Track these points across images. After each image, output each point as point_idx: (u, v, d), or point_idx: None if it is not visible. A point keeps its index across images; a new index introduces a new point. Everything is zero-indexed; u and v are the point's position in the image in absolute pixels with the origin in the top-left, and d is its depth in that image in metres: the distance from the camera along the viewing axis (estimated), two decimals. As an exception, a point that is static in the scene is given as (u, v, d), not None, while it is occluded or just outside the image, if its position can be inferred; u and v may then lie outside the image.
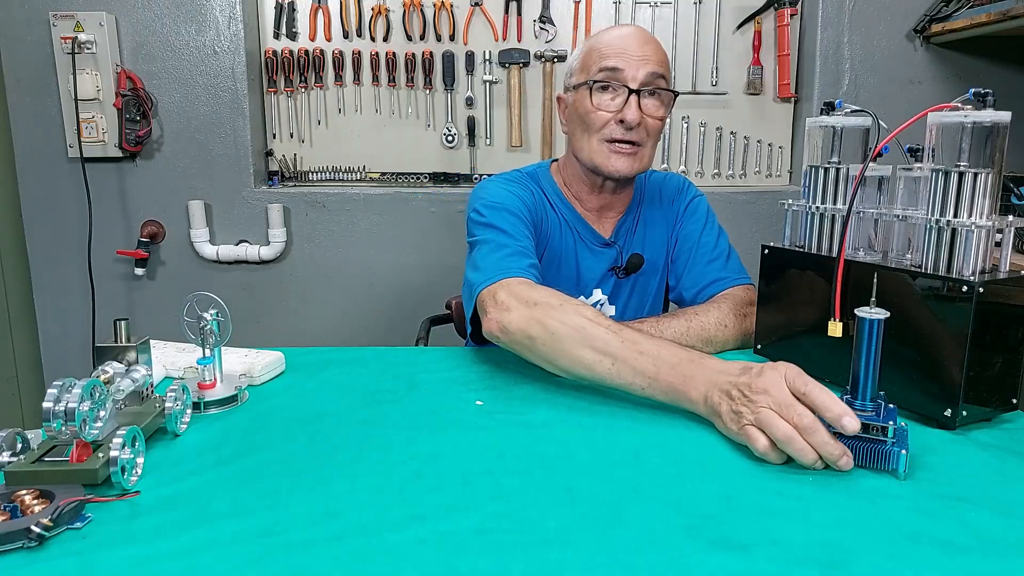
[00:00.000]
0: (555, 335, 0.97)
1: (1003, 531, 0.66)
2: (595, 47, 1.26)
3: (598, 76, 1.24)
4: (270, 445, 0.85)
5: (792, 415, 0.76)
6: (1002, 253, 0.89)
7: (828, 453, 0.75)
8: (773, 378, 0.80)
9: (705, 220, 1.41)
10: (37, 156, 2.25)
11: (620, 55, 1.23)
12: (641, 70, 1.22)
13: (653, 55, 1.24)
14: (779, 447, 0.77)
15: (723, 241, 1.40)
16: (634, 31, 1.27)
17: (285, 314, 2.35)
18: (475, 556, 0.63)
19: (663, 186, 1.44)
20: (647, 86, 1.23)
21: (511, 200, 1.26)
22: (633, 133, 1.24)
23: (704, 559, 0.62)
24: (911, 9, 2.23)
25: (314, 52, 2.30)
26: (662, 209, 1.42)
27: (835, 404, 0.75)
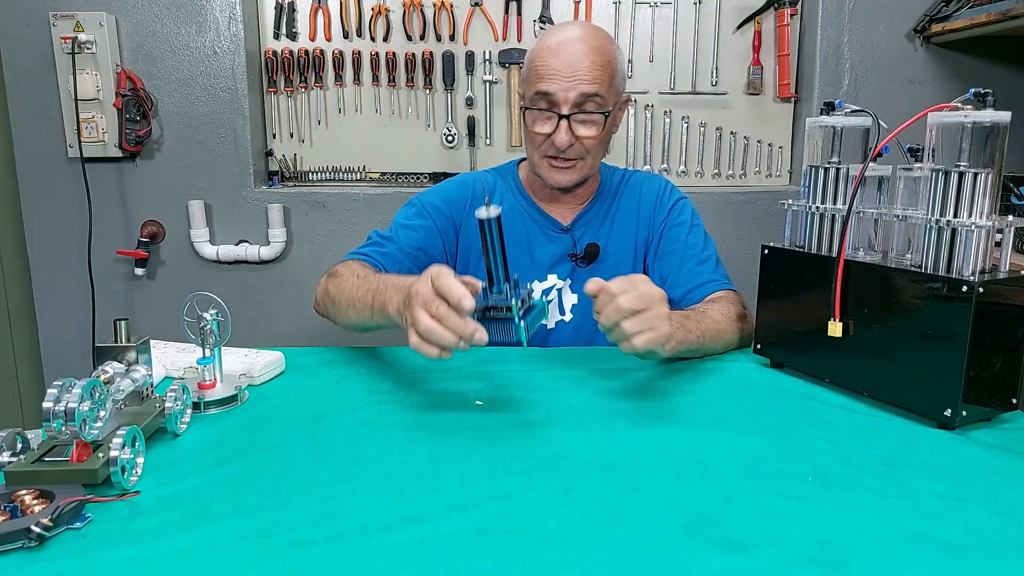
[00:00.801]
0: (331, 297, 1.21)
1: (1003, 531, 0.66)
2: (533, 63, 1.27)
3: (532, 100, 1.27)
4: (270, 445, 0.85)
5: (432, 307, 0.87)
6: (1002, 253, 0.89)
7: (460, 331, 0.86)
8: (422, 283, 0.90)
9: (692, 222, 1.41)
10: (37, 156, 2.25)
11: (553, 77, 1.23)
12: (572, 91, 1.22)
13: (587, 72, 1.22)
14: (425, 337, 0.87)
15: (711, 245, 1.41)
16: (570, 43, 1.23)
17: (285, 314, 2.35)
18: (475, 556, 0.63)
19: (643, 187, 1.44)
20: (578, 108, 1.23)
21: (430, 199, 1.39)
22: (569, 152, 1.27)
23: (704, 559, 0.62)
24: (911, 9, 2.23)
25: (314, 52, 2.30)
26: (638, 209, 1.42)
27: (455, 290, 0.85)
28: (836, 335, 0.97)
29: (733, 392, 1.03)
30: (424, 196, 1.41)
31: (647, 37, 2.33)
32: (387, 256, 1.31)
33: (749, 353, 1.16)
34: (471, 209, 1.39)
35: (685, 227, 1.40)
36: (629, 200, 1.43)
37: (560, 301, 1.40)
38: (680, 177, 2.42)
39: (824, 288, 0.98)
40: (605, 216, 1.41)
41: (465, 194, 1.40)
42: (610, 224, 1.41)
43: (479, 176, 1.46)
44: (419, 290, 0.89)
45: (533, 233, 1.40)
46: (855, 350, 0.98)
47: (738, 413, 0.95)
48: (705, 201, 2.33)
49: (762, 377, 1.09)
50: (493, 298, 0.90)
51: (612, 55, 1.26)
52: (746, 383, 1.07)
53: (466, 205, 1.39)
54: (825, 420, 0.92)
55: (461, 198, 1.39)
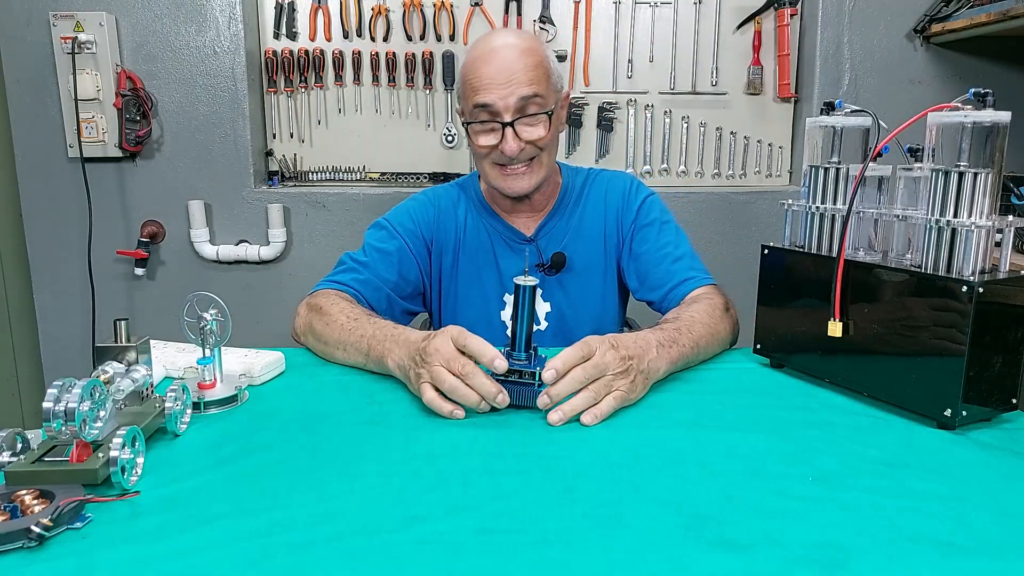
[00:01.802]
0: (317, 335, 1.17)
1: (1003, 531, 0.66)
2: (466, 77, 1.26)
3: (473, 114, 1.25)
4: (270, 445, 0.85)
5: (456, 366, 0.89)
6: (1002, 253, 0.89)
7: (486, 392, 0.89)
8: (442, 340, 0.92)
9: (661, 219, 1.39)
10: (37, 156, 2.25)
11: (488, 87, 1.21)
12: (511, 97, 1.21)
13: (522, 75, 1.21)
14: (449, 396, 0.90)
15: (683, 240, 1.38)
16: (500, 50, 1.22)
17: (285, 314, 2.34)
18: (475, 556, 0.63)
19: (608, 188, 1.42)
20: (520, 114, 1.22)
21: (398, 220, 1.38)
22: (520, 157, 1.25)
23: (704, 559, 0.62)
24: (911, 9, 2.23)
25: (314, 52, 2.30)
26: (605, 212, 1.40)
27: (487, 351, 0.89)
28: (836, 335, 0.97)
29: (733, 392, 1.03)
30: (392, 217, 1.39)
31: (647, 37, 2.34)
32: (366, 284, 1.30)
33: (749, 353, 1.16)
34: (439, 226, 1.39)
35: (655, 226, 1.37)
36: (595, 203, 1.41)
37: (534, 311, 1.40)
38: (680, 177, 2.42)
39: (824, 288, 0.98)
40: (569, 222, 1.40)
41: (430, 212, 1.40)
42: (576, 230, 1.39)
43: (439, 191, 1.44)
44: (439, 348, 0.91)
45: (498, 246, 1.39)
46: (855, 350, 0.98)
47: (738, 413, 0.95)
48: (705, 201, 2.33)
49: (762, 377, 1.09)
50: (513, 363, 0.92)
51: (543, 54, 1.25)
52: (746, 383, 1.07)
53: (434, 223, 1.39)
54: (825, 420, 0.92)
55: (428, 216, 1.39)
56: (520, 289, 0.92)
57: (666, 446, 0.84)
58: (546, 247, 1.38)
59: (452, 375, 0.90)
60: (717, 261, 2.34)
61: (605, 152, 2.40)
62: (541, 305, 1.40)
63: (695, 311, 1.17)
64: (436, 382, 0.91)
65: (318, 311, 1.19)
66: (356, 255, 1.35)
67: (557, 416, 0.89)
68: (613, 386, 0.92)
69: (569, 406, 0.90)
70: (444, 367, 0.90)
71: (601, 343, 0.93)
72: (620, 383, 0.93)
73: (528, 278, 0.92)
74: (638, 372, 0.95)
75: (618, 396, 0.92)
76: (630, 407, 0.96)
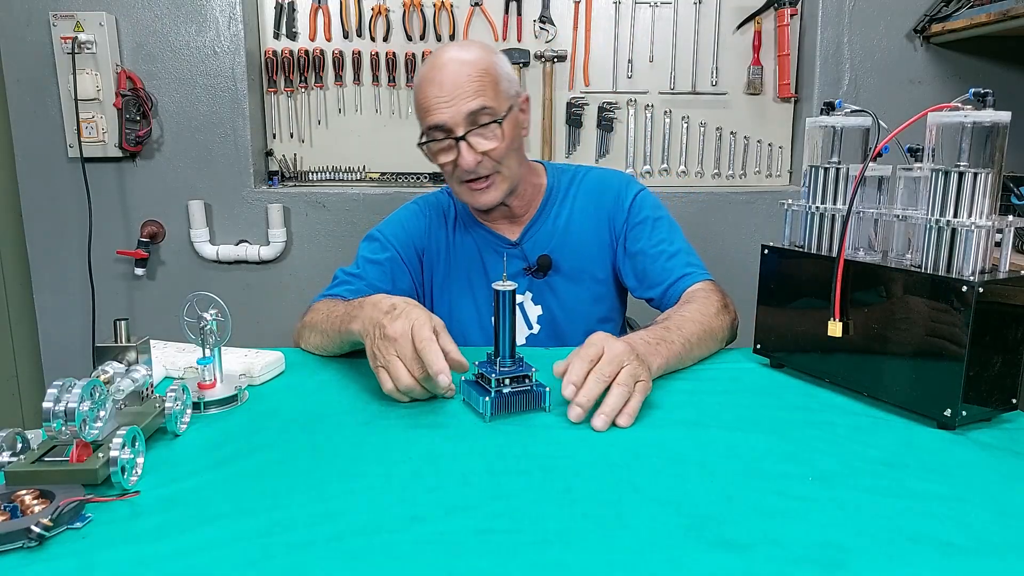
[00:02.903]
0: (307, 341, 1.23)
1: (1003, 531, 0.66)
2: (417, 99, 1.26)
3: (426, 136, 1.26)
4: (270, 445, 0.85)
5: (414, 368, 0.92)
6: (1002, 253, 0.89)
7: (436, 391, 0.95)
8: (402, 328, 0.93)
9: (654, 216, 1.37)
10: (37, 156, 2.25)
11: (437, 106, 1.21)
12: (460, 113, 1.20)
13: (467, 87, 1.20)
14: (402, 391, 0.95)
15: (679, 235, 1.37)
16: (444, 66, 1.22)
17: (285, 314, 2.35)
18: (475, 556, 0.63)
19: (598, 187, 1.41)
20: (472, 127, 1.21)
21: (390, 231, 1.41)
22: (480, 169, 1.24)
23: (704, 559, 0.62)
24: (911, 9, 2.23)
25: (314, 52, 2.30)
26: (596, 211, 1.39)
27: (435, 362, 0.90)
28: (836, 335, 0.97)
29: (733, 392, 1.03)
30: (384, 228, 1.41)
31: (647, 37, 2.34)
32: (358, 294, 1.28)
33: (749, 353, 1.16)
34: (431, 234, 1.41)
35: (648, 223, 1.36)
36: (583, 203, 1.39)
37: (525, 315, 1.39)
38: (680, 177, 2.42)
39: (824, 288, 0.98)
40: (556, 223, 1.38)
41: (422, 222, 1.41)
42: (564, 231, 1.38)
43: (430, 200, 1.45)
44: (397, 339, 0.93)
45: (485, 252, 1.39)
46: (855, 350, 0.98)
47: (738, 413, 0.95)
48: (705, 201, 2.33)
49: (762, 377, 1.09)
50: (502, 370, 0.94)
51: (489, 61, 1.24)
52: (746, 383, 1.07)
53: (425, 232, 1.41)
54: (825, 420, 0.92)
55: (419, 226, 1.41)
56: (499, 295, 0.93)
57: (666, 446, 0.84)
58: (532, 251, 1.38)
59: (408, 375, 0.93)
60: (717, 261, 2.33)
61: (605, 152, 2.40)
62: (532, 308, 1.39)
63: (687, 310, 1.18)
64: (392, 376, 0.94)
65: (306, 315, 1.26)
66: (349, 269, 1.38)
67: (600, 421, 0.88)
68: (638, 375, 0.91)
69: (608, 407, 0.89)
70: (400, 359, 0.93)
71: (608, 338, 0.94)
72: (640, 372, 0.92)
73: (507, 283, 0.93)
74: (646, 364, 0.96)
75: (642, 388, 0.92)
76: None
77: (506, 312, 0.94)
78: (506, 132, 1.24)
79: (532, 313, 1.39)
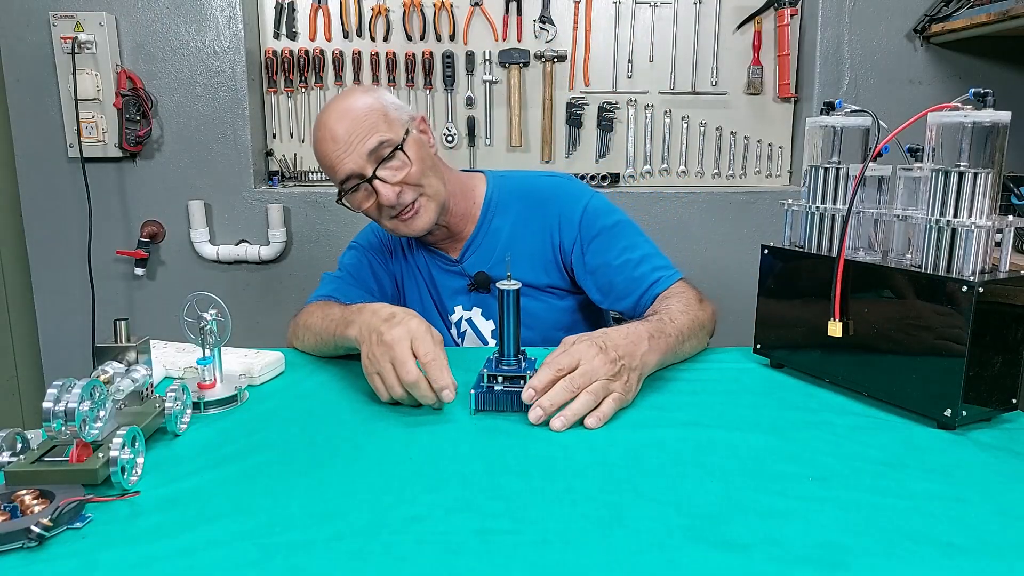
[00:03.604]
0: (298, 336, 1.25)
1: (1003, 531, 0.66)
2: (321, 162, 1.26)
3: (341, 189, 1.25)
4: (270, 445, 0.85)
5: (403, 374, 0.92)
6: (1002, 253, 0.89)
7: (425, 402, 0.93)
8: (399, 336, 0.93)
9: (610, 224, 1.32)
10: (37, 156, 2.25)
11: (339, 159, 1.21)
12: (361, 157, 1.20)
13: (358, 130, 1.20)
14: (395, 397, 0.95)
15: (640, 237, 1.33)
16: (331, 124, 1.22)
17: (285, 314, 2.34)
18: (474, 556, 0.63)
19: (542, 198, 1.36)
20: (376, 163, 1.21)
21: (363, 238, 1.45)
22: (402, 199, 1.23)
23: (704, 559, 0.62)
24: (911, 9, 2.23)
25: (314, 52, 2.30)
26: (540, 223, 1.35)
27: (440, 378, 0.91)
28: (836, 335, 0.97)
29: (733, 392, 1.03)
30: (360, 239, 1.46)
31: (647, 37, 2.34)
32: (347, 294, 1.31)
33: (749, 353, 1.16)
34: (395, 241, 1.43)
35: (605, 235, 1.31)
36: (525, 215, 1.36)
37: (478, 332, 1.39)
38: (680, 177, 2.42)
39: (824, 288, 0.98)
40: (497, 237, 1.35)
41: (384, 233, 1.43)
42: (505, 244, 1.35)
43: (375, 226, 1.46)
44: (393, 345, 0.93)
45: (434, 269, 1.41)
46: (855, 350, 0.98)
47: (738, 413, 0.95)
48: (705, 201, 2.33)
49: (762, 377, 1.09)
50: (503, 368, 0.95)
51: (370, 99, 1.23)
52: (746, 383, 1.07)
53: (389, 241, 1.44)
54: (825, 420, 0.92)
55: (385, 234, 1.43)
56: (504, 294, 0.93)
57: (666, 446, 0.84)
58: (472, 267, 1.36)
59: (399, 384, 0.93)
60: (717, 261, 2.34)
61: (605, 152, 2.40)
62: (484, 324, 1.39)
63: (673, 303, 1.18)
64: (385, 383, 0.94)
65: (300, 316, 1.27)
66: (334, 273, 1.41)
67: (559, 422, 0.89)
68: (610, 388, 0.92)
69: (571, 411, 0.89)
70: (392, 366, 0.93)
71: (588, 349, 0.93)
72: (615, 385, 0.92)
73: (512, 282, 0.93)
74: (630, 371, 0.95)
75: (616, 399, 0.92)
76: (629, 407, 0.96)
77: (510, 312, 0.94)
78: (412, 156, 1.23)
79: (485, 329, 1.39)
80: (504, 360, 0.95)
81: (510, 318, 0.94)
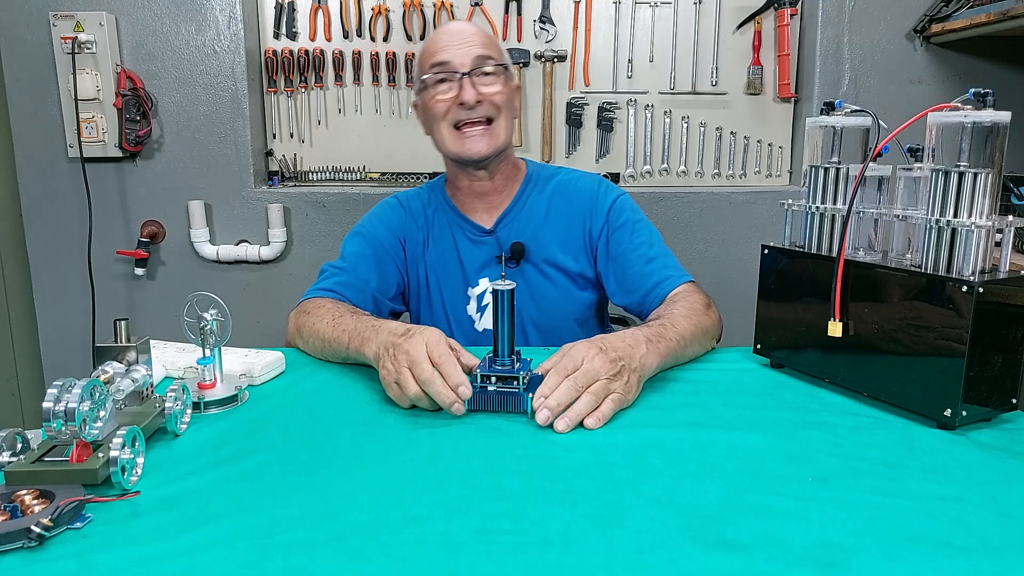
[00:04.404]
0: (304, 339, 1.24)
1: (1003, 531, 0.66)
2: (425, 48, 1.33)
3: (430, 72, 1.29)
4: (270, 445, 0.85)
5: (418, 372, 0.92)
6: (1002, 253, 0.89)
7: (441, 401, 0.91)
8: (416, 343, 0.95)
9: (633, 220, 1.38)
10: (37, 156, 2.25)
11: (445, 48, 1.28)
12: (467, 56, 1.27)
13: (476, 38, 1.29)
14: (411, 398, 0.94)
15: (657, 240, 1.38)
16: (457, 24, 1.35)
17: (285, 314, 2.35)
18: (475, 556, 0.63)
19: (576, 189, 1.41)
20: (476, 67, 1.27)
21: (371, 225, 1.42)
22: (477, 111, 1.27)
23: (704, 559, 0.62)
24: (911, 9, 2.23)
25: (314, 52, 2.30)
26: (571, 212, 1.39)
27: (454, 375, 0.91)
28: (836, 335, 0.97)
29: (733, 392, 1.03)
30: (366, 223, 1.44)
31: (647, 37, 2.34)
32: (350, 287, 1.33)
33: (749, 353, 1.16)
34: (410, 226, 1.42)
35: (628, 228, 1.37)
36: (560, 200, 1.40)
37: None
38: (680, 177, 2.42)
39: (824, 288, 0.98)
40: (532, 214, 1.39)
41: (400, 214, 1.43)
42: (539, 222, 1.39)
43: (410, 194, 1.47)
44: (410, 351, 0.94)
45: (460, 240, 1.40)
46: (855, 350, 0.98)
47: (738, 413, 0.95)
48: (705, 201, 2.33)
49: (762, 377, 1.09)
50: (496, 368, 0.94)
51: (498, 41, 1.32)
52: (746, 383, 1.07)
53: (404, 224, 1.42)
54: (825, 420, 0.92)
55: (399, 218, 1.43)
56: (498, 294, 0.93)
57: (666, 446, 0.84)
58: (506, 239, 1.38)
59: (415, 384, 0.92)
60: (717, 261, 2.34)
61: (605, 152, 2.40)
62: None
63: (677, 308, 1.18)
64: (402, 386, 0.94)
65: (305, 314, 1.25)
66: (336, 263, 1.39)
67: (563, 424, 0.88)
68: (610, 389, 0.92)
69: (574, 411, 0.89)
70: (410, 370, 0.93)
71: (588, 350, 0.93)
72: (615, 385, 0.93)
73: (506, 282, 0.94)
74: (630, 372, 0.95)
75: (616, 399, 0.92)
76: (629, 407, 0.96)
77: (504, 312, 0.94)
78: (505, 88, 1.30)
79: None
80: (498, 360, 0.95)
81: (504, 318, 0.94)
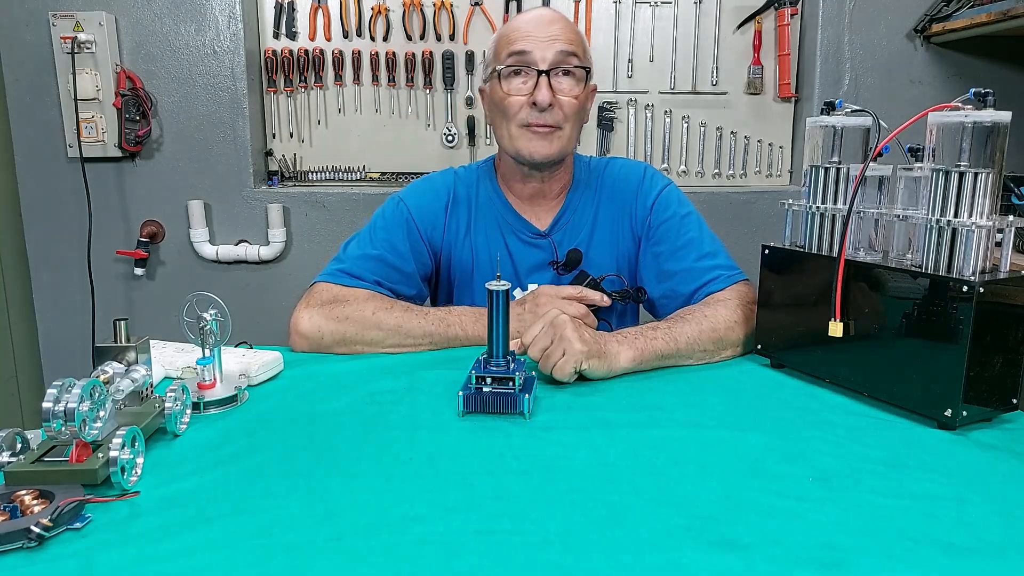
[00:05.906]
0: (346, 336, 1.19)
1: (1003, 531, 0.66)
2: (504, 33, 1.24)
3: (507, 62, 1.21)
4: (270, 445, 0.85)
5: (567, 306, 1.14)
6: (1002, 253, 0.89)
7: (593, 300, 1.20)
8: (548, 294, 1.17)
9: (681, 213, 1.30)
10: (37, 156, 2.25)
11: (527, 38, 1.19)
12: (549, 51, 1.18)
13: (562, 34, 1.20)
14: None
15: (707, 233, 1.31)
16: (543, 12, 1.24)
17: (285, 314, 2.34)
18: (475, 557, 0.63)
19: (622, 179, 1.34)
20: (557, 66, 1.19)
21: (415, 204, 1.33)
22: (548, 115, 1.20)
23: (704, 559, 0.62)
24: (911, 9, 2.23)
25: (314, 52, 2.30)
26: (619, 204, 1.32)
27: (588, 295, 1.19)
28: (836, 335, 0.97)
29: (733, 392, 1.03)
30: (408, 198, 1.34)
31: (647, 37, 2.34)
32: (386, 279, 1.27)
33: (749, 353, 1.16)
34: (451, 213, 1.33)
35: (676, 220, 1.29)
36: (608, 194, 1.33)
37: None
38: (680, 177, 2.42)
39: (824, 288, 0.98)
40: (583, 216, 1.33)
41: (443, 200, 1.34)
42: (591, 224, 1.32)
43: (461, 174, 1.37)
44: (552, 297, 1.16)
45: (510, 239, 1.33)
46: (855, 350, 0.98)
47: (738, 413, 0.95)
48: (705, 201, 2.33)
49: (762, 377, 1.09)
50: (491, 369, 0.94)
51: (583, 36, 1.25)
52: (746, 383, 1.07)
53: (445, 210, 1.33)
54: (825, 420, 0.92)
55: (440, 204, 1.33)
56: (493, 295, 0.93)
57: (666, 446, 0.84)
58: (562, 243, 1.31)
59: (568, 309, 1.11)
60: (717, 261, 2.34)
61: (605, 152, 2.40)
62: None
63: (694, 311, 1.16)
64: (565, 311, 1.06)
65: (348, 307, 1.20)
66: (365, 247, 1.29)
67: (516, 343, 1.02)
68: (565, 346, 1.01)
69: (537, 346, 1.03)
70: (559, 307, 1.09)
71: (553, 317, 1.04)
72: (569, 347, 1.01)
73: (501, 283, 0.93)
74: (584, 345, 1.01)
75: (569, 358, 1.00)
76: (630, 408, 0.95)
77: (499, 312, 0.94)
78: (582, 94, 1.23)
79: None
80: (493, 361, 0.95)
81: (500, 319, 0.94)
